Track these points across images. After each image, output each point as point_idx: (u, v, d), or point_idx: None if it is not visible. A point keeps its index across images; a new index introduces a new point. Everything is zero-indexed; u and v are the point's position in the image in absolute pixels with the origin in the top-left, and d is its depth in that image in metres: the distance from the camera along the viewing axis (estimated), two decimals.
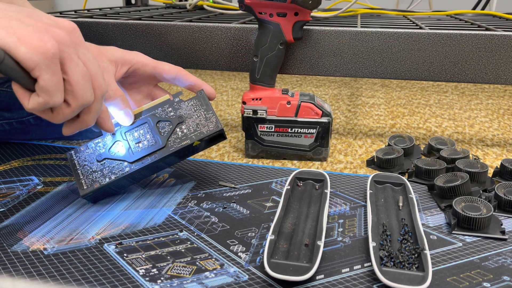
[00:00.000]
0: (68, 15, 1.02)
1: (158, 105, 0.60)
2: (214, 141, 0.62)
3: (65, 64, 0.42)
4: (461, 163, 0.66)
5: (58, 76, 0.41)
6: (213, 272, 0.45)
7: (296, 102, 0.70)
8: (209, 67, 0.82)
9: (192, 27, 0.80)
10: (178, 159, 0.62)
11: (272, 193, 0.62)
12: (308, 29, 0.75)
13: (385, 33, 0.74)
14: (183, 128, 0.59)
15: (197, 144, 0.59)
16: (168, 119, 0.59)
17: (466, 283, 0.43)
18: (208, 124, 0.59)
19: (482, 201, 0.55)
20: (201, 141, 0.59)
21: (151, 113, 0.60)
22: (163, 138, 0.58)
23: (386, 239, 0.49)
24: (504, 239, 0.51)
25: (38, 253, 0.47)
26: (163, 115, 0.59)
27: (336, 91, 1.26)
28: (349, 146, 0.82)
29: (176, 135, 0.58)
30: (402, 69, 0.75)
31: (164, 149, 0.57)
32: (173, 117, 0.59)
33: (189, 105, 0.60)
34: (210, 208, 0.58)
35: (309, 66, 0.78)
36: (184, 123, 0.59)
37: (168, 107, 0.60)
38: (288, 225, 0.52)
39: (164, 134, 0.58)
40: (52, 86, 0.41)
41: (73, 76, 0.42)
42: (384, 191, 0.61)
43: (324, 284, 0.43)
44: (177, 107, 0.60)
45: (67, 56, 0.42)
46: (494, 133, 0.91)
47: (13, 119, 0.76)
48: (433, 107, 1.10)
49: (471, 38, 0.71)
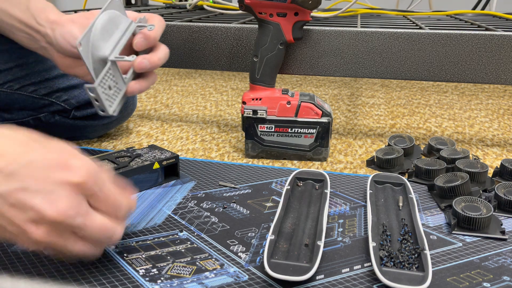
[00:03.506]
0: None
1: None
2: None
3: (75, 231, 0.39)
4: (461, 163, 0.66)
5: (64, 243, 0.39)
6: (213, 272, 0.45)
7: (296, 102, 0.70)
8: (209, 67, 0.82)
9: (192, 27, 0.80)
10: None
11: (272, 193, 0.62)
12: (308, 29, 0.75)
13: (385, 33, 0.74)
14: None
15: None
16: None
17: (466, 283, 0.43)
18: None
19: (482, 201, 0.55)
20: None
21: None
22: None
23: (386, 239, 0.49)
24: (504, 239, 0.51)
25: (38, 253, 0.47)
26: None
27: (336, 91, 1.26)
28: (349, 146, 0.82)
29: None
30: (402, 69, 0.75)
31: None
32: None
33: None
34: (210, 208, 0.58)
35: (309, 66, 0.78)
36: None
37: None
38: (288, 225, 0.52)
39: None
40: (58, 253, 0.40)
41: (86, 237, 0.40)
42: (384, 191, 0.61)
43: (324, 284, 0.43)
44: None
45: (75, 226, 0.39)
46: (494, 133, 0.91)
47: (12, 120, 0.76)
48: (433, 107, 1.10)
49: (471, 38, 0.71)
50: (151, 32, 0.59)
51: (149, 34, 0.59)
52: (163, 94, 1.20)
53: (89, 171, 0.39)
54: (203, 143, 0.83)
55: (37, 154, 0.39)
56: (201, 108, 1.07)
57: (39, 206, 0.37)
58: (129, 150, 0.67)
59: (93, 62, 0.54)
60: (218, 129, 0.91)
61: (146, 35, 0.58)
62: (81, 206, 0.39)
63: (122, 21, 0.59)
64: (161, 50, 0.61)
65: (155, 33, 0.59)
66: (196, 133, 0.88)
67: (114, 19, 0.58)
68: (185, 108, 1.07)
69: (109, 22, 0.57)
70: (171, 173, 0.66)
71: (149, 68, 0.59)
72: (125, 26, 0.59)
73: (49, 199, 0.37)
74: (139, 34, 0.59)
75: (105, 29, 0.56)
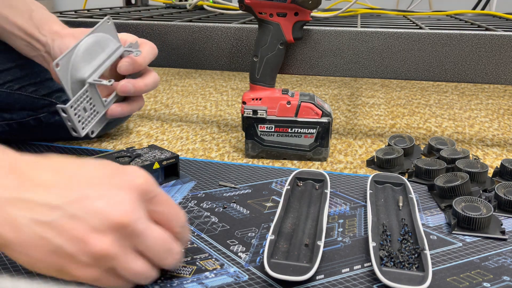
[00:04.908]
0: (68, 15, 1.02)
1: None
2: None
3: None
4: (461, 163, 0.66)
5: (125, 258, 0.37)
6: (213, 272, 0.45)
7: (296, 102, 0.70)
8: (209, 67, 0.82)
9: (192, 27, 0.80)
10: None
11: (272, 193, 0.62)
12: (308, 29, 0.75)
13: (385, 33, 0.74)
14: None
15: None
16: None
17: (466, 283, 0.43)
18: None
19: (482, 201, 0.55)
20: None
21: None
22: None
23: (386, 239, 0.49)
24: (504, 239, 0.51)
25: None
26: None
27: (336, 91, 1.26)
28: (349, 146, 0.82)
29: None
30: (402, 69, 0.75)
31: None
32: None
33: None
34: (210, 208, 0.58)
35: (309, 66, 0.78)
36: None
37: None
38: (288, 225, 0.52)
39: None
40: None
41: (125, 278, 0.38)
42: (384, 191, 0.61)
43: (324, 284, 0.43)
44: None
45: (111, 267, 0.36)
46: (494, 133, 0.91)
47: (12, 120, 0.76)
48: (433, 107, 1.10)
49: (471, 38, 0.71)
50: (138, 58, 0.58)
51: (135, 59, 0.58)
52: (163, 94, 1.20)
53: (147, 175, 0.38)
54: (203, 143, 0.83)
55: (91, 166, 0.38)
56: (201, 108, 1.07)
57: (103, 209, 0.35)
58: (129, 150, 0.67)
59: (72, 83, 0.55)
60: (218, 129, 0.91)
61: (132, 59, 0.58)
62: (142, 211, 0.37)
63: (110, 44, 0.59)
64: (149, 77, 0.61)
65: (142, 59, 0.59)
66: (196, 133, 0.88)
67: (100, 42, 0.58)
68: (185, 108, 1.07)
69: (94, 45, 0.57)
70: (171, 173, 0.66)
71: (133, 92, 0.59)
72: (111, 50, 0.59)
73: (113, 202, 0.36)
74: (125, 58, 0.59)
75: (88, 51, 0.56)
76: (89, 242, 0.35)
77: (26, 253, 0.35)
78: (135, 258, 0.37)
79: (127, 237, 0.36)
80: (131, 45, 0.61)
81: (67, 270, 0.36)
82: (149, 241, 0.37)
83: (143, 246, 0.37)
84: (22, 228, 0.34)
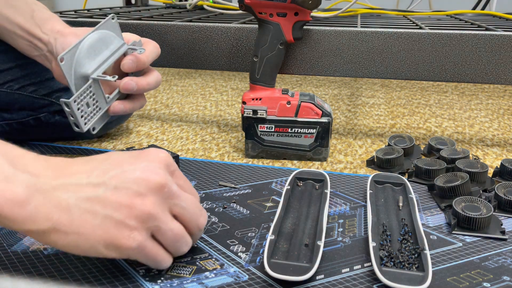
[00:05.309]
0: (68, 15, 1.02)
1: None
2: None
3: (155, 235, 0.41)
4: (461, 163, 0.66)
5: (165, 220, 0.41)
6: (213, 272, 0.45)
7: (296, 102, 0.70)
8: (209, 67, 0.82)
9: (192, 27, 0.80)
10: None
11: (272, 193, 0.62)
12: (308, 29, 0.75)
13: (385, 33, 0.74)
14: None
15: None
16: None
17: (466, 283, 0.43)
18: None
19: (482, 201, 0.55)
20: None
21: None
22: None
23: (386, 239, 0.49)
24: (504, 239, 0.51)
25: (38, 253, 0.47)
26: None
27: (336, 91, 1.26)
28: (349, 146, 0.82)
29: None
30: (402, 69, 0.75)
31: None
32: None
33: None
34: (210, 208, 0.58)
35: (309, 66, 0.78)
36: None
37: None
38: (288, 225, 0.52)
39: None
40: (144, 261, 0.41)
41: (165, 242, 0.42)
42: (384, 191, 0.61)
43: (324, 284, 0.43)
44: None
45: (155, 229, 0.40)
46: (494, 133, 0.91)
47: (12, 120, 0.76)
48: (433, 107, 1.10)
49: (471, 38, 0.71)
50: (141, 56, 0.59)
51: (139, 57, 0.59)
52: (163, 94, 1.20)
53: (166, 152, 0.43)
54: (203, 143, 0.83)
55: (115, 154, 0.42)
56: (201, 108, 1.07)
57: (141, 176, 0.39)
58: (129, 150, 0.67)
59: (75, 79, 0.55)
60: (218, 129, 0.91)
61: (135, 57, 0.58)
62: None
63: (114, 41, 0.59)
64: (152, 76, 0.61)
65: (145, 57, 0.59)
66: (196, 133, 0.88)
67: (104, 38, 0.58)
68: (185, 108, 1.07)
69: (98, 41, 0.57)
70: None
71: (136, 90, 0.59)
72: (115, 47, 0.59)
73: (148, 170, 0.40)
74: (129, 56, 0.59)
75: (93, 48, 0.56)
76: (134, 205, 0.38)
77: (77, 231, 0.37)
78: (173, 219, 0.41)
79: (165, 198, 0.40)
80: (134, 43, 0.61)
81: (115, 240, 0.38)
82: (183, 202, 0.42)
83: (178, 208, 0.42)
84: (71, 207, 0.37)
